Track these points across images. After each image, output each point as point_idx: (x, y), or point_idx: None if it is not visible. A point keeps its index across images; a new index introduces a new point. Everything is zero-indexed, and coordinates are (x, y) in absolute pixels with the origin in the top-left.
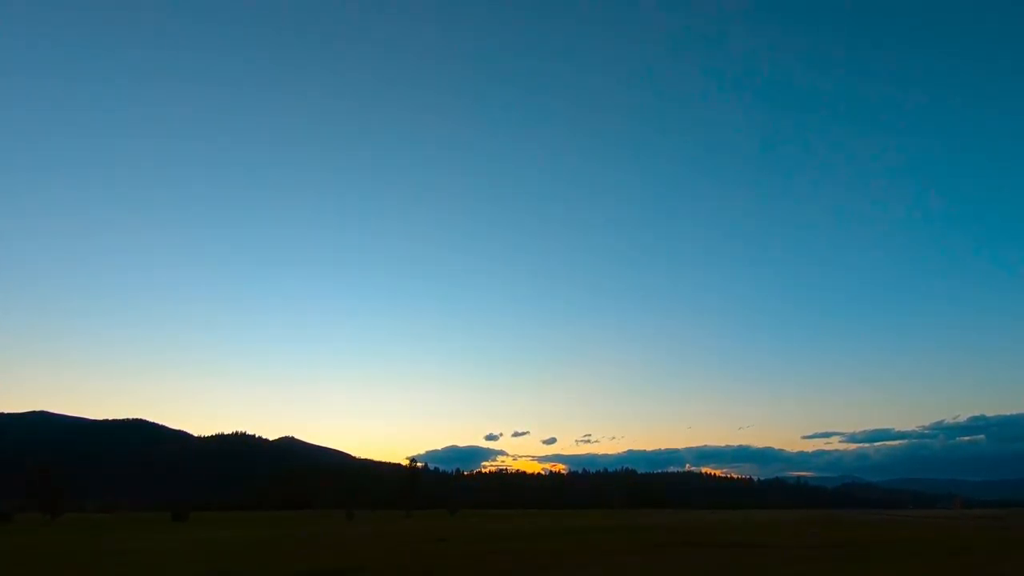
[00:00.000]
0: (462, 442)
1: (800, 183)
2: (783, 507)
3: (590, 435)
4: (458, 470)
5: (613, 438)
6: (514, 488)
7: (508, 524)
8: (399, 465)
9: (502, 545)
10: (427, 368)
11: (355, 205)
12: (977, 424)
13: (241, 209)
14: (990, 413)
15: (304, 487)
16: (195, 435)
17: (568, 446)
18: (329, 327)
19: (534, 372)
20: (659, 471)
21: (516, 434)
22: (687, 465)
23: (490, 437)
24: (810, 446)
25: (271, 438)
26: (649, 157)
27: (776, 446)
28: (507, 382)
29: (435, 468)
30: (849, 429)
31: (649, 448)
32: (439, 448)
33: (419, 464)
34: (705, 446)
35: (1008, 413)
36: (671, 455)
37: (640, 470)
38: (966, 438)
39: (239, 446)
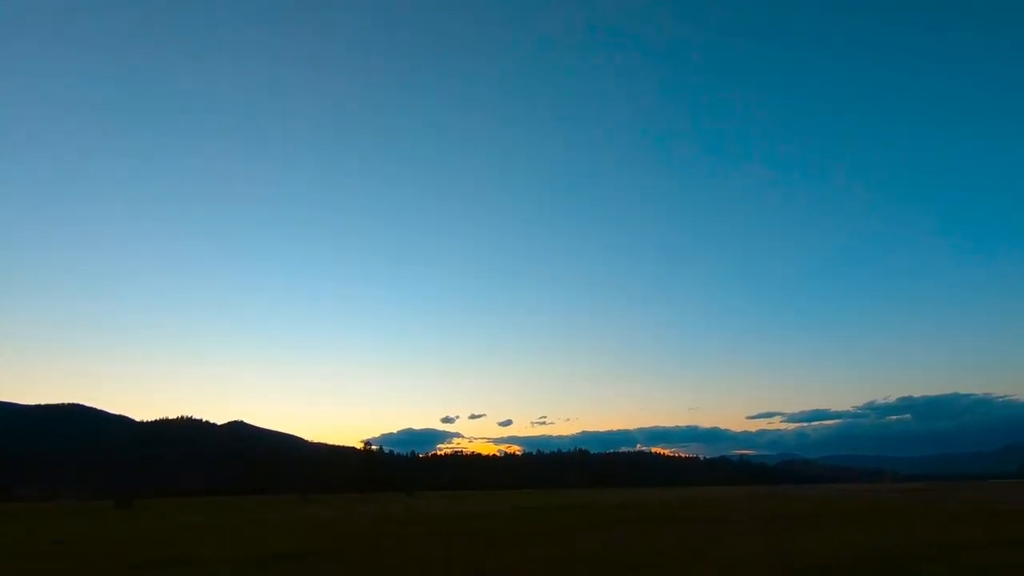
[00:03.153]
0: (418, 425)
1: (743, 174)
2: (728, 484)
3: (545, 417)
4: (414, 453)
5: (568, 420)
6: (470, 470)
7: (466, 505)
8: (354, 448)
9: (461, 525)
10: (382, 351)
11: (307, 183)
12: (905, 404)
13: (183, 185)
14: (916, 394)
15: (257, 472)
16: (136, 420)
17: (524, 428)
18: (279, 308)
19: (491, 355)
20: (612, 451)
21: (473, 416)
22: (639, 445)
23: (446, 420)
24: (754, 426)
25: (220, 422)
26: (596, 147)
27: (723, 426)
28: (464, 365)
29: (391, 451)
30: (790, 410)
31: (602, 429)
32: (395, 431)
33: (374, 447)
34: (656, 427)
35: (933, 394)
36: (624, 436)
37: (593, 451)
38: (895, 417)
39: (185, 431)
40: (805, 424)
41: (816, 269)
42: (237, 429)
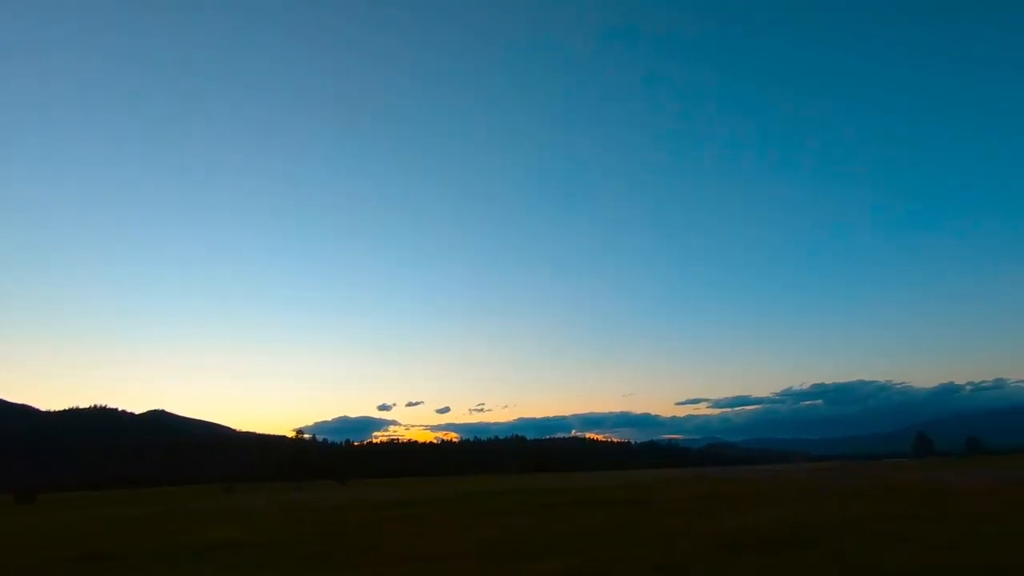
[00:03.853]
0: (354, 413)
1: (678, 170)
2: (658, 467)
3: (483, 404)
4: (349, 441)
5: (506, 407)
6: (406, 457)
7: (401, 492)
8: (286, 437)
9: (396, 512)
10: (317, 338)
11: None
12: (817, 391)
13: (94, 168)
14: (828, 381)
15: (178, 462)
16: (43, 410)
17: (462, 415)
18: (203, 291)
19: (429, 343)
20: (548, 437)
21: (410, 404)
22: (574, 431)
23: (383, 407)
24: (683, 411)
25: (137, 412)
26: (536, 136)
27: (654, 412)
28: (402, 353)
29: (325, 440)
30: (715, 396)
31: (539, 416)
32: (329, 419)
33: (307, 436)
34: (591, 413)
35: (842, 381)
36: (560, 422)
37: (530, 437)
38: (808, 402)
39: (98, 421)
40: (729, 409)
41: (741, 264)
42: (156, 419)
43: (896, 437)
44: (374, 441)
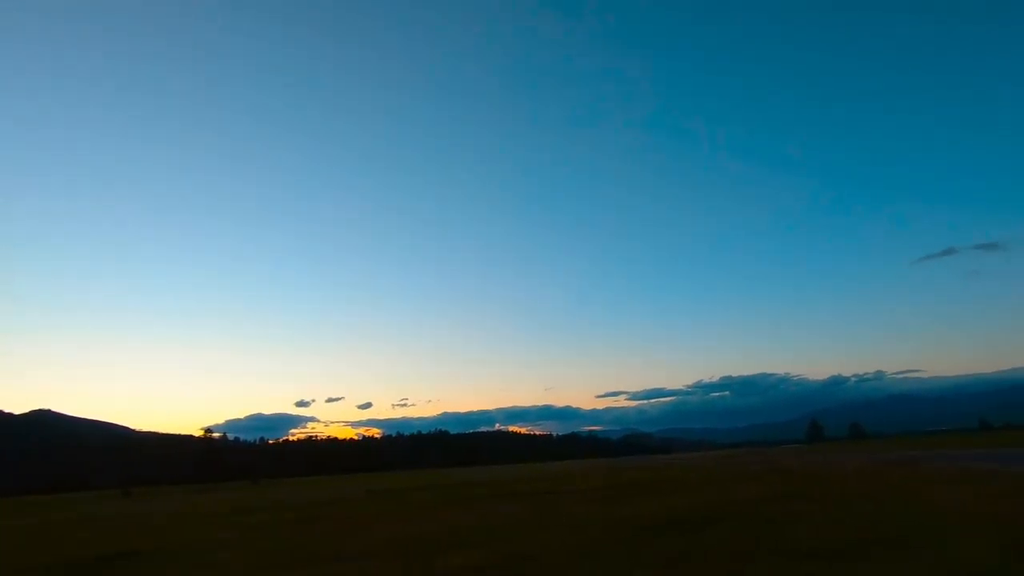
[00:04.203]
0: (269, 410)
1: (606, 175)
2: (578, 458)
3: (407, 399)
4: (263, 439)
5: (429, 401)
6: (325, 454)
7: (319, 491)
8: (192, 437)
9: (310, 512)
10: (228, 331)
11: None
12: (725, 383)
13: None
14: (735, 374)
15: (67, 467)
16: None
17: (384, 410)
18: (92, 276)
19: (350, 337)
20: (472, 431)
21: (330, 400)
22: (497, 425)
23: (301, 403)
24: (602, 404)
25: (18, 412)
26: (455, 134)
27: (575, 405)
28: (321, 347)
29: (236, 438)
30: (633, 388)
31: (463, 410)
32: (241, 417)
33: (216, 435)
34: (514, 407)
35: (747, 374)
36: (483, 416)
37: (453, 431)
38: (717, 394)
39: None
40: (645, 401)
41: (656, 262)
42: (41, 419)
43: (793, 425)
44: (291, 439)
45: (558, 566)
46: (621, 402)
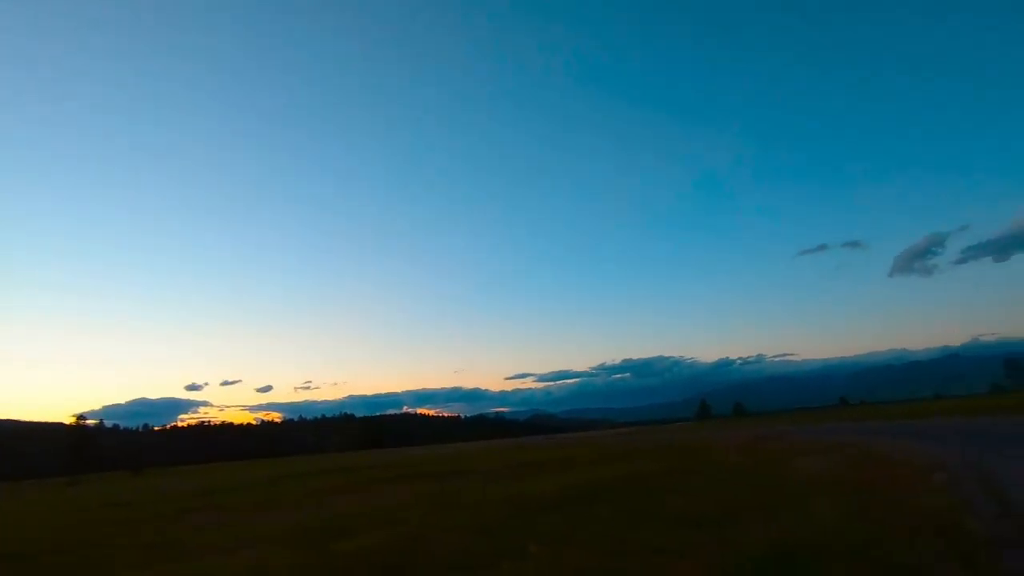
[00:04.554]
0: (155, 394)
1: (509, 160)
2: (484, 439)
3: (310, 382)
4: (147, 426)
5: (335, 384)
6: (219, 441)
7: (208, 479)
8: (62, 425)
9: (197, 501)
10: (107, 309)
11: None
12: (626, 365)
13: None
14: (635, 357)
15: None
16: None
17: (286, 393)
18: None
19: (247, 317)
20: (379, 414)
21: (225, 383)
22: (405, 407)
23: (192, 387)
24: (510, 385)
25: None
26: (351, 109)
27: (484, 387)
28: (214, 327)
29: (116, 425)
30: (540, 371)
31: (370, 392)
32: (122, 402)
33: (91, 421)
34: (423, 389)
35: (646, 357)
36: (392, 398)
37: (360, 414)
38: (618, 376)
39: None
40: (552, 383)
41: (563, 247)
42: None
43: (686, 404)
44: (180, 425)
45: (454, 544)
46: (529, 384)
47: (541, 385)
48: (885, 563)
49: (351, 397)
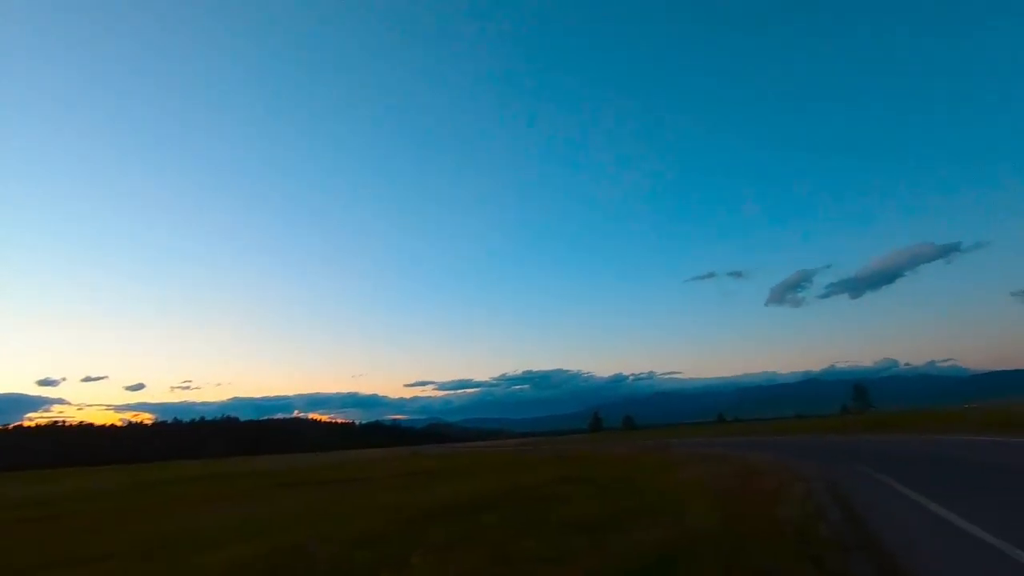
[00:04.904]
0: None
1: (411, 172)
2: (380, 447)
3: (189, 381)
4: None
5: (218, 384)
6: (75, 443)
7: (53, 486)
8: None
9: (38, 511)
10: None
11: None
12: (527, 377)
13: None
14: (535, 369)
15: None
16: None
17: (160, 393)
18: None
19: (117, 308)
20: (267, 418)
21: (88, 379)
22: (296, 412)
23: (46, 382)
24: (410, 393)
25: None
26: (271, 118)
27: (382, 393)
28: (76, 317)
29: None
30: (442, 379)
31: (257, 395)
32: None
33: None
34: (318, 393)
35: (546, 369)
36: (282, 402)
37: (245, 417)
38: (519, 387)
39: None
40: (452, 392)
41: (472, 260)
42: None
43: (581, 416)
44: (27, 424)
45: (332, 556)
46: (429, 392)
47: (441, 394)
48: (747, 567)
49: (236, 399)
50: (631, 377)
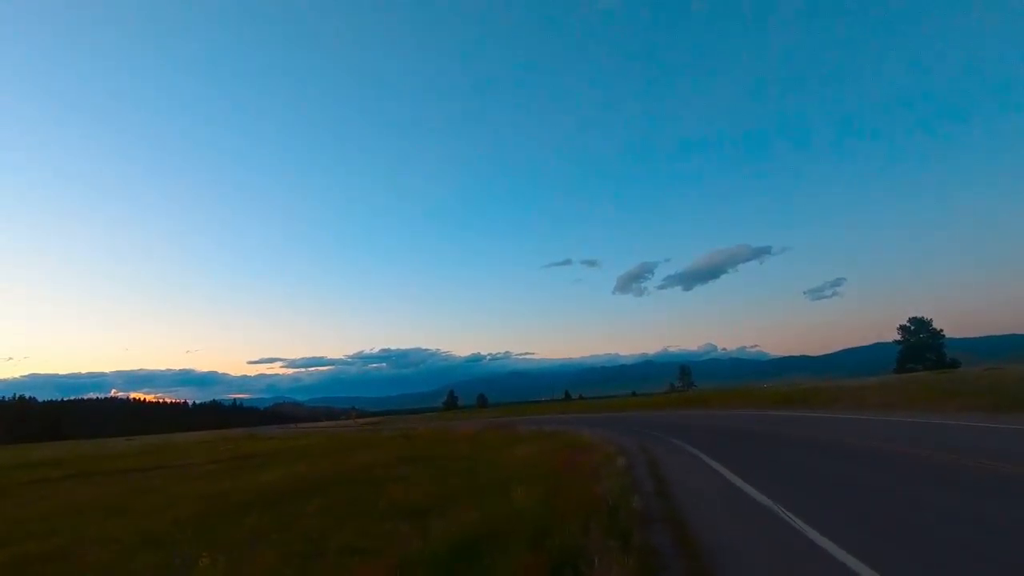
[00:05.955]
0: None
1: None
2: (214, 428)
3: None
4: None
5: (10, 359)
6: None
7: None
8: None
9: None
10: None
11: None
12: (384, 355)
13: None
14: (393, 347)
15: None
16: None
17: None
18: None
19: None
20: (75, 398)
21: None
22: (113, 390)
23: None
24: (254, 370)
25: None
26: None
27: (222, 370)
28: None
29: None
30: (290, 356)
31: (63, 372)
32: None
33: None
34: (142, 370)
35: (404, 347)
36: (96, 380)
37: (45, 397)
38: (375, 365)
39: None
40: (302, 370)
41: (326, 230)
42: None
43: (437, 395)
44: None
45: (105, 559)
46: (276, 369)
47: (291, 371)
48: (557, 545)
49: (34, 376)
50: (488, 357)
